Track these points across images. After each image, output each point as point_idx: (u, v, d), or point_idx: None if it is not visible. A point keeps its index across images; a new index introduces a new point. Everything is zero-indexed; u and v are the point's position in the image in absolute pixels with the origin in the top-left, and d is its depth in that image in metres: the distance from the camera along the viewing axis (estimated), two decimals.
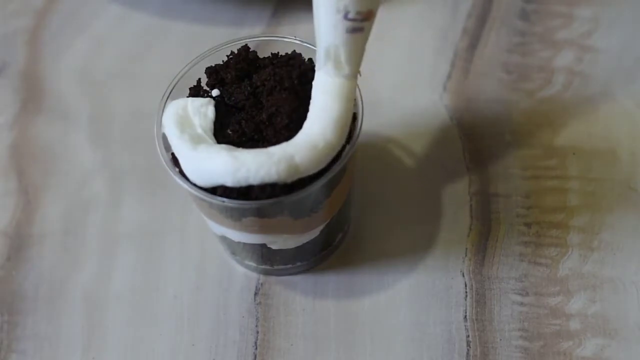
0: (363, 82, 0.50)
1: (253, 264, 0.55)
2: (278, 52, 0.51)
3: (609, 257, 0.55)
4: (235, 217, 0.49)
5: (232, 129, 0.48)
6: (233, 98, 0.49)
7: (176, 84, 0.51)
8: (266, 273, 0.55)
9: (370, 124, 0.55)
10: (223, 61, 0.51)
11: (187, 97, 0.50)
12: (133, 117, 0.63)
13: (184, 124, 0.48)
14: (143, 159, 0.61)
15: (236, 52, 0.51)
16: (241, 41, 0.52)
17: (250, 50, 0.51)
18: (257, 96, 0.49)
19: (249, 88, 0.49)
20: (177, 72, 0.52)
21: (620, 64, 0.64)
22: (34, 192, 0.60)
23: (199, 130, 0.48)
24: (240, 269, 0.56)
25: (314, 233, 0.52)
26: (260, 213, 0.48)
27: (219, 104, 0.50)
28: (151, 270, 0.56)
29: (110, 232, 0.58)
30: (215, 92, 0.50)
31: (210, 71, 0.51)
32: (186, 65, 0.52)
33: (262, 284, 0.55)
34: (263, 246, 0.52)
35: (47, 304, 0.55)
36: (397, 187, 0.58)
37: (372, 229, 0.57)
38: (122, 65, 0.66)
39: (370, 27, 0.46)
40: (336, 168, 0.47)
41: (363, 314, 0.54)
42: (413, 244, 0.56)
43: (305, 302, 0.54)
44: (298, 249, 0.53)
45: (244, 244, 0.52)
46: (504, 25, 0.66)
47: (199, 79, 0.51)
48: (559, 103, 0.62)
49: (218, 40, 0.54)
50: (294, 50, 0.51)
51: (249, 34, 0.65)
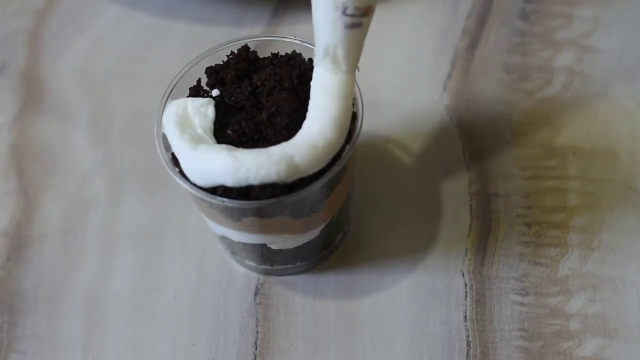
0: (363, 82, 0.50)
1: (253, 264, 0.55)
2: (278, 52, 0.51)
3: (609, 257, 0.55)
4: (235, 217, 0.49)
5: (232, 129, 0.48)
6: (233, 98, 0.49)
7: (176, 84, 0.51)
8: (266, 273, 0.55)
9: (370, 124, 0.55)
10: (223, 61, 0.51)
11: (187, 97, 0.50)
12: (133, 117, 0.63)
13: (184, 124, 0.48)
14: (143, 159, 0.61)
15: (236, 52, 0.51)
16: (241, 41, 0.52)
17: (250, 50, 0.51)
18: (257, 96, 0.49)
19: (249, 88, 0.49)
20: (177, 72, 0.52)
21: (620, 64, 0.64)
22: (34, 192, 0.60)
23: (199, 130, 0.48)
24: (240, 269, 0.56)
25: (314, 233, 0.52)
26: (260, 213, 0.48)
27: (219, 104, 0.49)
28: (151, 270, 0.56)
29: (110, 232, 0.58)
30: (215, 92, 0.50)
31: (210, 71, 0.51)
32: (186, 65, 0.52)
33: (262, 284, 0.55)
34: (263, 246, 0.52)
35: (47, 304, 0.55)
36: (397, 187, 0.58)
37: (372, 229, 0.57)
38: (122, 65, 0.66)
39: (368, 23, 0.46)
40: (336, 168, 0.47)
41: (363, 314, 0.54)
42: (413, 244, 0.56)
43: (305, 302, 0.54)
44: (298, 249, 0.53)
45: (244, 244, 0.52)
46: (504, 25, 0.66)
47: (199, 79, 0.51)
48: (559, 103, 0.62)
49: (218, 40, 0.54)
50: (294, 50, 0.51)
51: (249, 34, 0.65)
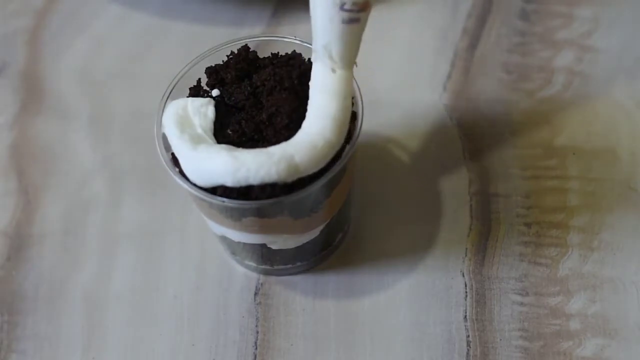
0: (363, 82, 0.50)
1: (253, 264, 0.55)
2: (278, 52, 0.51)
3: (609, 257, 0.55)
4: (235, 217, 0.49)
5: (232, 129, 0.48)
6: (233, 98, 0.49)
7: (176, 84, 0.51)
8: (266, 273, 0.55)
9: (370, 124, 0.55)
10: (223, 61, 0.51)
11: (187, 97, 0.50)
12: (133, 117, 0.63)
13: (184, 124, 0.48)
14: (143, 159, 0.61)
15: (236, 52, 0.51)
16: (241, 41, 0.52)
17: (250, 50, 0.51)
18: (257, 96, 0.49)
19: (249, 88, 0.49)
20: (177, 72, 0.52)
21: (620, 64, 0.64)
22: (34, 192, 0.60)
23: (199, 130, 0.48)
24: (240, 269, 0.56)
25: (314, 233, 0.52)
26: (260, 213, 0.48)
27: (219, 104, 0.49)
28: (151, 270, 0.56)
29: (110, 232, 0.58)
30: (215, 92, 0.50)
31: (210, 71, 0.51)
32: (186, 65, 0.52)
33: (262, 284, 0.55)
34: (263, 246, 0.52)
35: (47, 304, 0.55)
36: (397, 187, 0.58)
37: (372, 229, 0.57)
38: (122, 65, 0.66)
39: (366, 18, 0.46)
40: (336, 168, 0.47)
41: (363, 314, 0.54)
42: (413, 244, 0.56)
43: (305, 302, 0.54)
44: (298, 249, 0.53)
45: (244, 244, 0.52)
46: (504, 25, 0.66)
47: (199, 79, 0.51)
48: (559, 103, 0.62)
49: (218, 40, 0.54)
50: (294, 50, 0.51)
51: (249, 34, 0.65)
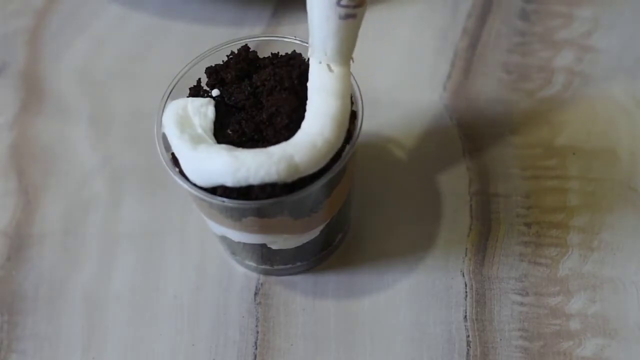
0: (363, 82, 0.50)
1: (253, 264, 0.55)
2: (278, 52, 0.51)
3: (609, 257, 0.55)
4: (235, 217, 0.49)
5: (232, 129, 0.48)
6: (233, 98, 0.49)
7: (176, 84, 0.51)
8: (266, 273, 0.55)
9: (370, 124, 0.55)
10: (223, 61, 0.51)
11: (187, 97, 0.50)
12: (133, 117, 0.63)
13: (184, 124, 0.48)
14: (143, 159, 0.61)
15: (236, 52, 0.51)
16: (241, 41, 0.52)
17: (250, 50, 0.51)
18: (257, 96, 0.49)
19: (249, 88, 0.49)
20: (177, 72, 0.52)
21: (620, 64, 0.64)
22: (34, 192, 0.60)
23: (199, 130, 0.48)
24: (240, 269, 0.56)
25: (314, 233, 0.52)
26: (260, 213, 0.48)
27: (219, 104, 0.49)
28: (151, 270, 0.56)
29: (110, 232, 0.58)
30: (215, 92, 0.50)
31: (210, 71, 0.51)
32: (186, 65, 0.52)
33: (262, 284, 0.55)
34: (263, 246, 0.52)
35: (47, 304, 0.55)
36: (397, 187, 0.58)
37: (372, 229, 0.57)
38: (122, 65, 0.66)
39: (362, 14, 0.46)
40: (336, 168, 0.47)
41: (363, 314, 0.54)
42: (413, 244, 0.56)
43: (305, 302, 0.54)
44: (298, 249, 0.53)
45: (244, 244, 0.52)
46: (504, 25, 0.66)
47: (199, 79, 0.51)
48: (559, 103, 0.62)
49: (218, 40, 0.54)
50: (294, 50, 0.51)
51: (249, 34, 0.65)
